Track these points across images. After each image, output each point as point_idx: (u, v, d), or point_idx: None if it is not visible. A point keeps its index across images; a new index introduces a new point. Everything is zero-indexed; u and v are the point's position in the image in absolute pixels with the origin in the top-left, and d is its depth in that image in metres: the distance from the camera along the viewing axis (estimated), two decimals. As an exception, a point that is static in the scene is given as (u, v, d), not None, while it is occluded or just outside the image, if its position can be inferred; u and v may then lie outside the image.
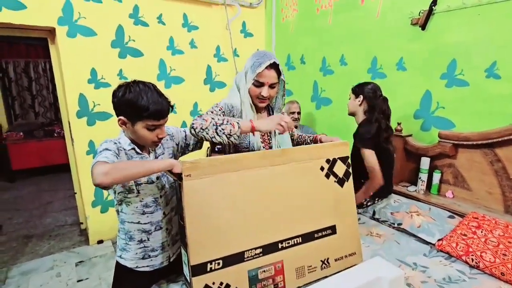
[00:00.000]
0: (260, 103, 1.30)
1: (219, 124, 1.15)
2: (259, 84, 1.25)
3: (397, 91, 2.26)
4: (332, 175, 1.22)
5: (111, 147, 1.04)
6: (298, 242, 1.15)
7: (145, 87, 1.03)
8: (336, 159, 1.23)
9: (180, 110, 2.99)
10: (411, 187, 2.14)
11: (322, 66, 2.84)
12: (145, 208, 1.17)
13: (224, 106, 1.31)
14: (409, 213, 1.79)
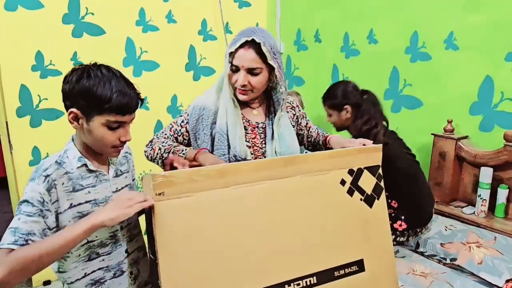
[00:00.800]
0: (239, 95, 1.32)
1: (166, 158, 1.28)
2: (234, 68, 1.28)
3: (446, 77, 2.22)
4: (357, 191, 1.19)
5: (35, 194, 0.97)
6: (312, 283, 1.10)
7: (108, 73, 1.01)
8: (363, 169, 1.20)
9: (154, 106, 2.95)
10: (468, 208, 2.09)
11: (344, 45, 2.82)
12: (98, 249, 1.11)
13: (191, 112, 1.36)
14: (466, 244, 1.76)
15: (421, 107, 2.36)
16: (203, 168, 1.02)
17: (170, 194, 0.96)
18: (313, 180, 1.14)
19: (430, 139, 2.22)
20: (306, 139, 1.58)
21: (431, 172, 2.23)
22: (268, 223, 1.08)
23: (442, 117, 2.18)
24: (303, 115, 1.55)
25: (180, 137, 1.38)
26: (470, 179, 2.14)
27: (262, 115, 1.42)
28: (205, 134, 1.33)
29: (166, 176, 0.96)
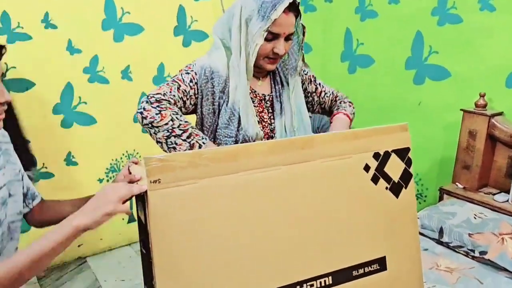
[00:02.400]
0: (269, 64, 1.31)
1: (175, 134, 1.22)
2: (273, 36, 1.26)
3: (479, 44, 2.18)
4: (382, 178, 1.17)
5: None
6: (327, 283, 1.10)
7: None
8: (390, 152, 1.18)
9: (137, 76, 2.90)
10: (500, 195, 2.08)
11: (359, 6, 2.78)
12: None
13: (200, 72, 1.31)
14: (498, 236, 1.75)
15: (449, 78, 2.33)
16: (209, 150, 0.99)
17: (167, 181, 0.93)
18: (333, 165, 1.12)
19: (459, 115, 2.19)
20: (319, 106, 1.56)
21: (459, 153, 2.21)
22: (281, 215, 1.07)
23: (474, 90, 2.15)
24: (310, 79, 1.52)
25: (188, 101, 1.31)
26: (503, 162, 2.12)
27: (267, 86, 1.42)
28: (214, 102, 1.31)
29: (162, 159, 0.92)
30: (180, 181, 0.94)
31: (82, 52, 2.71)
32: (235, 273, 1.01)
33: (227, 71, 1.31)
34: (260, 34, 1.23)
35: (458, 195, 2.15)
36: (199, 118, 1.36)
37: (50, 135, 2.69)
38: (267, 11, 1.21)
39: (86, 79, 2.75)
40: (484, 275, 1.65)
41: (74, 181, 2.79)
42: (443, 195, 2.24)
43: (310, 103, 1.54)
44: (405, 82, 2.53)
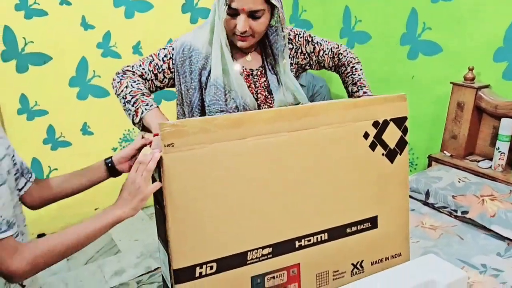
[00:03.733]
0: (239, 41, 1.26)
1: (126, 100, 1.21)
2: (233, 12, 1.20)
3: (470, 20, 2.19)
4: (379, 145, 1.19)
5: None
6: (323, 239, 1.15)
7: None
8: (389, 121, 1.20)
9: (147, 51, 2.85)
10: (484, 161, 2.14)
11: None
12: None
13: (178, 49, 1.28)
14: (479, 197, 1.82)
15: (440, 53, 2.35)
16: (219, 117, 1.00)
17: (180, 145, 0.94)
18: (335, 132, 1.13)
19: (448, 89, 2.23)
20: (317, 65, 1.47)
21: (447, 124, 2.26)
22: (283, 177, 1.09)
23: (463, 64, 2.18)
24: (307, 39, 1.41)
25: (160, 74, 1.29)
26: (488, 132, 2.17)
27: (257, 60, 1.36)
28: (192, 79, 1.28)
29: (176, 125, 0.94)
30: (192, 145, 0.96)
31: (95, 28, 2.75)
32: (240, 228, 1.05)
33: (208, 48, 1.26)
34: (222, 8, 1.19)
35: (445, 162, 2.21)
36: (179, 95, 1.33)
37: (67, 107, 2.76)
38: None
39: (100, 53, 2.81)
40: (464, 232, 1.73)
41: (90, 149, 2.88)
42: (431, 162, 2.31)
43: (308, 64, 1.46)
44: (400, 57, 2.55)
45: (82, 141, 2.87)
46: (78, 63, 2.76)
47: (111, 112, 2.85)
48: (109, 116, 2.87)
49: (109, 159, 1.16)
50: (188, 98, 1.30)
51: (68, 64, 2.73)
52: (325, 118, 1.11)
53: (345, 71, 1.46)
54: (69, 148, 2.82)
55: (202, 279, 1.02)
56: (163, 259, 1.09)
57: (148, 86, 1.29)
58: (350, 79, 1.44)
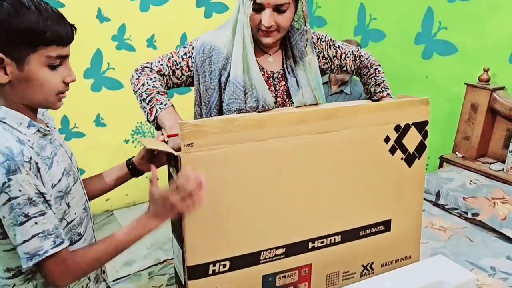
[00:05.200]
0: (263, 37, 1.23)
1: (142, 98, 1.21)
2: (258, 7, 1.18)
3: (487, 20, 2.17)
4: (399, 149, 1.18)
5: (30, 188, 0.83)
6: (336, 241, 1.16)
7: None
8: (410, 125, 1.18)
9: (161, 45, 2.94)
10: (497, 164, 2.13)
11: None
12: (79, 228, 1.05)
13: (199, 49, 1.27)
14: (490, 200, 1.82)
15: (455, 53, 2.33)
16: (240, 117, 0.99)
17: (200, 145, 0.94)
18: (356, 135, 1.12)
19: (463, 89, 2.21)
20: (339, 68, 1.46)
21: (460, 125, 2.25)
22: (301, 179, 1.09)
23: (478, 65, 2.16)
24: (329, 43, 1.40)
25: (178, 71, 1.28)
26: (502, 134, 2.15)
27: (278, 62, 1.34)
28: (212, 79, 1.26)
29: (196, 125, 0.93)
30: (211, 145, 0.96)
31: (111, 21, 2.75)
32: (255, 228, 1.06)
33: (229, 48, 1.24)
34: (248, 4, 1.17)
35: (457, 163, 2.21)
36: (197, 95, 1.31)
37: (81, 98, 2.77)
38: None
39: (114, 46, 2.81)
40: (474, 234, 1.73)
41: (103, 140, 2.90)
42: (443, 163, 2.30)
43: (329, 68, 1.45)
44: (414, 56, 2.54)
45: (95, 133, 2.89)
46: (93, 55, 2.77)
47: (124, 105, 2.86)
48: (122, 108, 2.88)
49: (130, 161, 1.18)
50: (206, 98, 1.29)
51: (83, 56, 2.74)
52: (348, 121, 1.10)
53: (367, 72, 1.44)
54: (82, 139, 2.84)
55: (215, 277, 1.03)
56: (177, 254, 1.10)
57: (165, 82, 1.28)
58: (373, 81, 1.42)
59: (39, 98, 0.90)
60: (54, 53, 0.86)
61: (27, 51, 0.84)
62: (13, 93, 0.88)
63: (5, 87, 0.86)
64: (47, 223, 0.86)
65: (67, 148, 1.05)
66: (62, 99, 0.95)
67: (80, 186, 1.07)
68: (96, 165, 2.71)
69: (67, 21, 0.90)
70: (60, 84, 0.91)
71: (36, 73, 0.86)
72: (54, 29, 0.85)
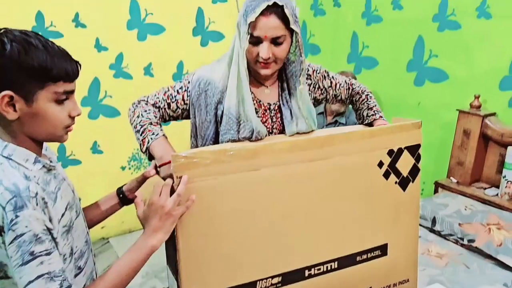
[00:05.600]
0: (262, 69, 1.24)
1: (137, 130, 1.22)
2: (255, 40, 1.20)
3: (475, 49, 2.22)
4: (393, 173, 1.19)
5: (37, 224, 0.83)
6: (333, 268, 1.15)
7: (25, 35, 0.87)
8: (403, 149, 1.19)
9: (158, 73, 2.99)
10: (491, 189, 2.13)
11: (366, 11, 2.81)
12: (80, 262, 1.03)
13: (195, 83, 1.28)
14: (486, 226, 1.82)
15: (446, 80, 2.37)
16: (232, 148, 0.99)
17: (193, 176, 0.94)
18: (350, 162, 1.12)
19: (455, 115, 2.24)
20: (334, 98, 1.48)
21: (453, 151, 2.27)
22: (296, 208, 1.09)
23: (469, 92, 2.19)
24: (323, 75, 1.43)
25: (173, 104, 1.30)
26: (495, 160, 2.16)
27: (275, 94, 1.36)
28: (208, 113, 1.28)
29: (188, 157, 0.93)
30: (204, 176, 0.96)
31: (109, 50, 2.80)
32: (251, 258, 1.05)
33: (225, 82, 1.26)
34: (245, 37, 1.18)
35: (452, 189, 2.21)
36: (193, 128, 1.33)
37: (78, 125, 2.72)
38: (248, 15, 1.17)
39: (112, 74, 2.85)
40: (471, 261, 1.72)
41: (99, 168, 2.90)
42: (438, 188, 2.31)
43: (325, 98, 1.46)
44: (406, 83, 2.58)
45: (92, 160, 2.90)
46: (91, 83, 2.81)
47: (121, 132, 2.87)
48: (119, 136, 2.90)
49: (121, 190, 1.18)
50: (202, 131, 1.30)
51: (80, 84, 2.68)
52: (341, 148, 1.11)
53: (359, 98, 1.47)
54: (79, 166, 2.85)
55: (211, 307, 1.01)
56: (171, 284, 1.09)
57: (160, 115, 1.29)
58: (365, 105, 1.44)
59: (47, 132, 0.92)
60: (61, 89, 0.88)
61: (36, 88, 0.86)
62: (21, 129, 0.89)
63: (14, 122, 0.88)
64: (54, 263, 0.84)
65: (69, 182, 1.05)
66: (68, 133, 0.97)
67: (82, 219, 1.07)
68: (92, 192, 2.69)
69: (72, 58, 0.92)
70: (67, 118, 0.93)
71: (44, 109, 0.88)
72: (61, 66, 0.87)
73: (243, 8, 1.21)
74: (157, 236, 0.94)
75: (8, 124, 0.88)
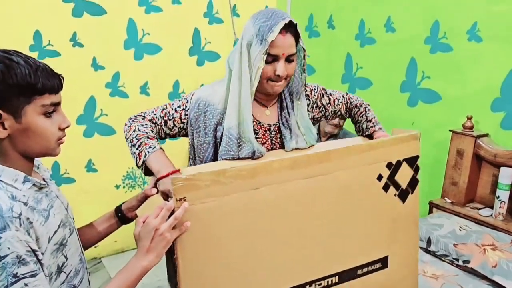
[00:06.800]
0: (273, 87, 1.25)
1: (133, 144, 1.20)
2: (272, 58, 1.21)
3: (467, 70, 2.25)
4: (392, 185, 1.19)
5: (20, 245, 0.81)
6: (334, 282, 1.15)
7: (5, 53, 0.88)
8: (401, 161, 1.20)
9: (154, 92, 3.01)
10: (485, 210, 2.13)
11: (359, 33, 2.85)
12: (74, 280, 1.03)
13: (194, 104, 1.28)
14: (480, 247, 1.80)
15: (439, 101, 2.39)
16: (231, 168, 0.99)
17: (193, 199, 0.94)
18: (349, 176, 1.13)
19: (448, 135, 2.25)
20: (333, 114, 1.50)
21: (447, 171, 2.27)
22: (296, 224, 1.08)
23: (462, 112, 2.21)
24: (321, 93, 1.44)
25: (170, 122, 1.29)
26: (488, 180, 2.16)
27: (274, 115, 1.36)
28: (207, 134, 1.28)
29: (188, 179, 0.92)
30: (204, 198, 0.95)
31: (105, 69, 2.82)
32: (251, 278, 1.04)
33: (224, 104, 1.26)
34: (260, 57, 1.19)
35: (446, 209, 2.20)
36: (191, 149, 1.33)
37: (73, 144, 2.77)
38: (264, 34, 1.17)
39: (108, 93, 2.86)
40: (466, 282, 1.69)
41: (94, 186, 2.88)
42: (432, 208, 2.30)
43: (324, 116, 1.47)
44: (400, 103, 2.60)
45: (86, 178, 2.88)
46: (87, 102, 2.81)
47: (116, 150, 2.88)
48: (114, 154, 2.89)
49: (119, 208, 1.17)
50: (201, 153, 1.29)
51: (76, 103, 2.78)
52: (340, 163, 1.11)
53: (358, 111, 1.48)
54: (72, 185, 2.83)
55: (212, 326, 1.01)
56: (173, 302, 1.08)
57: (157, 131, 1.29)
58: (364, 118, 1.45)
59: (41, 147, 0.92)
60: (48, 101, 0.89)
61: (23, 103, 0.86)
62: (13, 146, 0.89)
63: (4, 141, 0.88)
64: (39, 285, 0.83)
65: (63, 199, 1.04)
66: (60, 145, 0.97)
67: (76, 237, 1.06)
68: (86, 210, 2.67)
69: (54, 71, 0.93)
70: (57, 131, 0.94)
71: (34, 123, 0.88)
72: (45, 78, 0.88)
73: (253, 29, 1.20)
74: (148, 257, 0.93)
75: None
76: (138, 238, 0.95)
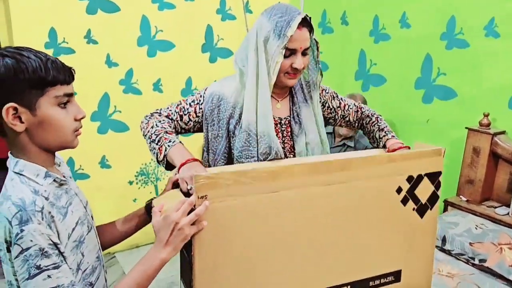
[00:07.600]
0: (290, 80, 1.28)
1: (152, 140, 1.24)
2: (289, 52, 1.24)
3: (484, 67, 2.22)
4: (411, 199, 1.18)
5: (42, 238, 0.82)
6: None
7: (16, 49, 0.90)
8: (423, 176, 1.18)
9: (167, 88, 3.02)
10: (502, 208, 2.10)
11: (374, 29, 2.83)
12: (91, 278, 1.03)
13: (208, 99, 1.31)
14: (497, 246, 1.79)
15: (455, 98, 2.37)
16: (253, 170, 0.99)
17: (213, 197, 0.95)
18: (368, 187, 1.12)
19: (464, 133, 2.23)
20: (342, 119, 1.50)
21: (463, 169, 2.25)
22: (312, 231, 1.08)
23: (478, 110, 2.18)
24: (333, 95, 1.46)
25: (185, 117, 1.32)
26: (505, 178, 2.14)
27: (286, 108, 1.38)
28: (220, 128, 1.30)
29: (210, 177, 0.94)
30: (225, 197, 0.96)
31: (119, 66, 2.83)
32: (265, 281, 1.05)
33: (235, 97, 1.29)
34: (278, 52, 1.21)
35: (462, 207, 2.18)
36: (206, 142, 1.35)
37: (87, 140, 2.78)
38: (283, 29, 1.20)
39: (122, 90, 2.88)
40: (483, 281, 1.68)
41: (107, 182, 2.90)
42: (447, 206, 2.28)
43: (333, 118, 1.49)
44: (415, 100, 2.58)
45: (100, 174, 2.90)
46: (101, 99, 2.83)
47: (130, 146, 2.90)
48: (127, 150, 2.91)
49: (149, 203, 1.18)
50: (214, 146, 1.32)
51: (91, 99, 2.80)
52: (361, 172, 1.11)
53: (370, 121, 1.49)
54: (87, 181, 2.85)
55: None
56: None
57: (174, 126, 1.32)
58: (376, 127, 1.46)
59: (57, 139, 0.93)
60: (61, 92, 0.90)
61: (36, 96, 0.88)
62: (31, 140, 0.91)
63: (23, 135, 0.89)
64: (62, 277, 0.84)
65: (82, 197, 1.06)
66: (77, 137, 0.98)
67: (94, 234, 1.07)
68: (100, 206, 2.70)
69: (64, 64, 0.94)
70: (73, 122, 0.94)
71: (50, 114, 0.89)
72: (55, 70, 0.89)
73: (269, 24, 1.23)
74: (167, 249, 0.94)
75: (18, 139, 0.89)
76: (157, 230, 0.96)
